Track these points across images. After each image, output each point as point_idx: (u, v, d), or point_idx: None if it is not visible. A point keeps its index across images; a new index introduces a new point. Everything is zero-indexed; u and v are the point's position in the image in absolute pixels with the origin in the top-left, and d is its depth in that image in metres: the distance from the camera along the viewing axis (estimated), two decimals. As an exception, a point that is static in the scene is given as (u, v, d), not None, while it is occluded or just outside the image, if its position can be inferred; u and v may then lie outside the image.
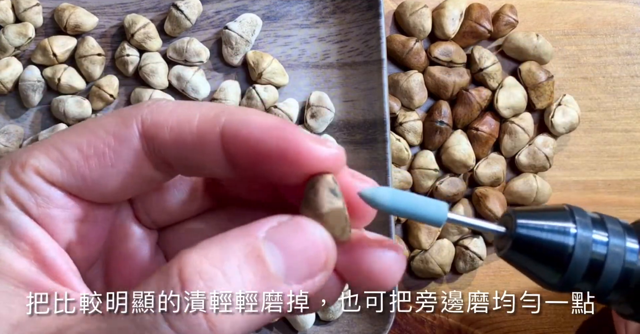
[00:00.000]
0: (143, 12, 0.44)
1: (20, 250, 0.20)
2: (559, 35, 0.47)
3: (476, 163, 0.45)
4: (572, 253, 0.20)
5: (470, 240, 0.44)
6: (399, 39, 0.45)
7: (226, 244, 0.18)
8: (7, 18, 0.43)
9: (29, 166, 0.20)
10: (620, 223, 0.21)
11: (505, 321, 0.46)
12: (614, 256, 0.20)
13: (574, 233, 0.20)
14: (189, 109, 0.21)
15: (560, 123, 0.44)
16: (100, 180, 0.21)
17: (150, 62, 0.43)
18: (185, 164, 0.21)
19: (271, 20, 0.44)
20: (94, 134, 0.21)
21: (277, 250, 0.19)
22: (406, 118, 0.45)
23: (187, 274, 0.18)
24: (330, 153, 0.20)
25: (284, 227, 0.19)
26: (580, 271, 0.20)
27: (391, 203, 0.19)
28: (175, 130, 0.21)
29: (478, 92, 0.45)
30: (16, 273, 0.20)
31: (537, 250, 0.20)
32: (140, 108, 0.21)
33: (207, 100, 0.44)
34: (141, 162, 0.21)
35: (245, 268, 0.18)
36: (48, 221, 0.21)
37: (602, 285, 0.20)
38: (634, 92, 0.46)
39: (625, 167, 0.46)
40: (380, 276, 0.20)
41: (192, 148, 0.21)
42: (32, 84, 0.43)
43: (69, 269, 0.21)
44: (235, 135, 0.20)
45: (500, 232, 0.21)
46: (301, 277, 0.19)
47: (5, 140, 0.42)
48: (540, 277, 0.21)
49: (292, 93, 0.44)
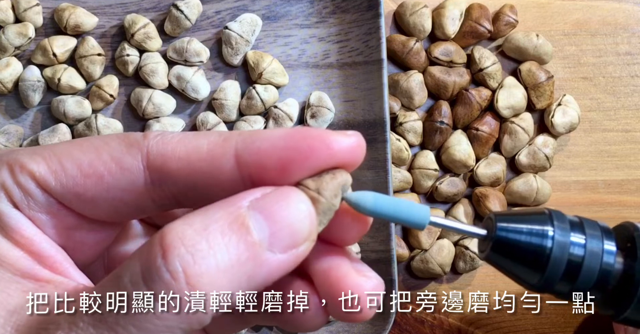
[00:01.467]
0: (143, 12, 0.44)
1: (14, 241, 0.20)
2: (559, 35, 0.47)
3: (476, 163, 0.45)
4: (550, 255, 0.21)
5: (470, 240, 0.44)
6: (399, 39, 0.45)
7: (210, 213, 0.18)
8: (7, 18, 0.43)
9: (27, 169, 0.21)
10: (600, 227, 0.22)
11: (505, 321, 0.46)
12: (592, 257, 0.21)
13: (552, 235, 0.21)
14: (195, 138, 0.20)
15: (560, 123, 0.44)
16: (93, 202, 0.21)
17: (150, 62, 0.43)
18: (193, 195, 0.21)
19: (271, 20, 0.44)
20: (97, 155, 0.21)
21: (262, 217, 0.18)
22: (406, 118, 0.45)
23: (169, 240, 0.17)
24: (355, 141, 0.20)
25: (269, 196, 0.19)
26: (559, 272, 0.21)
27: (374, 207, 0.20)
28: (184, 159, 0.20)
29: (478, 92, 0.45)
30: (11, 262, 0.20)
31: (516, 251, 0.21)
32: (147, 138, 0.21)
33: (207, 100, 0.44)
34: (140, 195, 0.21)
35: (229, 235, 0.18)
36: (39, 223, 0.21)
37: (580, 286, 0.21)
38: (634, 92, 0.46)
39: (625, 167, 0.46)
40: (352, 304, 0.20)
41: (203, 176, 0.20)
42: (32, 84, 0.43)
43: (64, 259, 0.21)
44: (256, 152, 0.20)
45: (482, 235, 0.22)
46: (285, 246, 0.18)
47: (5, 140, 0.42)
48: (520, 278, 0.22)
49: (292, 93, 0.44)
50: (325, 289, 0.20)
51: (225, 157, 0.20)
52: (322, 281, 0.20)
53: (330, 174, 0.20)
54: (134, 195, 0.21)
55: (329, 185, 0.19)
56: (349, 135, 0.20)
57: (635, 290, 0.21)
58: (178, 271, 0.17)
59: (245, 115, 0.44)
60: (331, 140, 0.20)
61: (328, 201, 0.19)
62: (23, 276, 0.20)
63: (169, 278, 0.17)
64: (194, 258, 0.17)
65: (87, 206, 0.21)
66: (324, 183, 0.19)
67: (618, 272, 0.21)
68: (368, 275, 0.20)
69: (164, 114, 0.43)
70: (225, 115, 0.43)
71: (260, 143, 0.20)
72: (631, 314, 0.21)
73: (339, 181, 0.20)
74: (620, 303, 0.22)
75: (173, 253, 0.17)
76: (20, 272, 0.20)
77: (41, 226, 0.21)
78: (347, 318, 0.20)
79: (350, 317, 0.20)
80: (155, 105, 0.43)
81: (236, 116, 0.44)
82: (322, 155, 0.19)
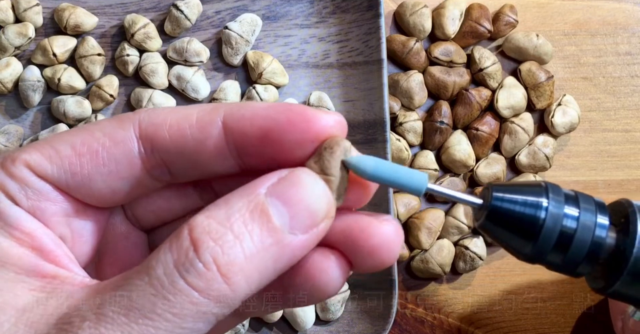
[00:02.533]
0: (143, 12, 0.44)
1: (15, 238, 0.20)
2: (559, 35, 0.47)
3: (476, 163, 0.45)
4: (542, 225, 0.21)
5: (470, 240, 0.44)
6: (399, 39, 0.45)
7: (230, 204, 0.19)
8: (7, 18, 0.43)
9: (20, 160, 0.21)
10: (595, 202, 0.22)
11: (505, 321, 0.46)
12: (584, 229, 0.21)
13: (545, 206, 0.21)
14: (185, 109, 0.21)
15: (560, 123, 0.44)
16: (91, 179, 0.21)
17: (150, 62, 0.43)
18: (184, 163, 0.21)
19: (271, 20, 0.44)
20: (89, 134, 0.21)
21: (279, 203, 0.19)
22: (406, 118, 0.45)
23: (197, 234, 0.18)
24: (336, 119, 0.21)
25: (284, 181, 0.20)
26: (551, 242, 0.21)
27: (374, 171, 0.20)
28: (175, 126, 0.21)
29: (478, 92, 0.45)
30: (15, 260, 0.20)
31: (510, 221, 0.22)
32: (137, 112, 0.21)
33: (207, 100, 0.44)
34: (135, 165, 0.21)
35: (251, 224, 0.19)
36: (39, 213, 0.21)
37: (571, 257, 0.22)
38: (634, 92, 0.46)
39: (625, 167, 0.46)
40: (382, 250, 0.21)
41: (193, 143, 0.21)
42: (32, 84, 0.43)
43: (65, 254, 0.21)
44: (239, 118, 0.21)
45: (478, 204, 0.22)
46: (305, 226, 0.19)
47: (5, 140, 0.42)
48: (513, 247, 0.22)
49: (292, 93, 0.44)
50: (350, 243, 0.21)
51: (213, 123, 0.21)
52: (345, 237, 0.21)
53: (328, 150, 0.20)
54: (128, 167, 0.21)
55: (331, 163, 0.20)
56: (329, 113, 0.21)
57: (626, 264, 0.21)
58: (210, 261, 0.18)
59: (245, 115, 0.44)
60: (310, 115, 0.20)
61: (336, 177, 0.20)
62: (28, 274, 0.20)
63: (202, 268, 0.18)
64: (223, 249, 0.18)
65: (83, 187, 0.21)
66: (325, 162, 0.20)
67: (610, 246, 0.22)
68: (387, 219, 0.21)
69: (164, 114, 0.43)
70: (225, 115, 0.43)
71: (244, 111, 0.21)
72: (620, 287, 0.22)
73: (339, 154, 0.20)
74: (610, 276, 0.22)
75: (202, 246, 0.18)
76: (25, 270, 0.20)
77: (40, 217, 0.21)
78: (375, 265, 0.21)
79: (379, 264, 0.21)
80: (155, 105, 0.43)
81: (236, 116, 0.44)
82: (299, 128, 0.20)
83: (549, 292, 0.46)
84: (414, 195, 0.21)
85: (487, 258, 0.45)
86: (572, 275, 0.22)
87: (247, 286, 0.19)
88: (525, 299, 0.46)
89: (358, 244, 0.21)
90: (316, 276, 0.21)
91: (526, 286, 0.46)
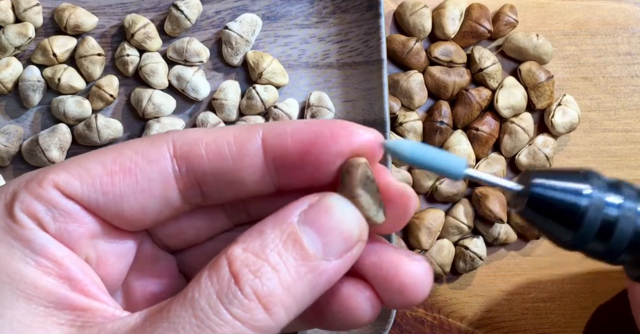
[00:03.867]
0: (143, 12, 0.44)
1: (42, 267, 0.20)
2: (559, 35, 0.47)
3: (476, 163, 0.45)
4: (584, 213, 0.21)
5: (470, 240, 0.44)
6: (399, 39, 0.45)
7: (265, 235, 0.20)
8: (7, 18, 0.43)
9: (47, 180, 0.20)
10: (636, 190, 0.22)
11: (505, 321, 0.46)
12: (626, 218, 0.21)
13: (588, 194, 0.21)
14: (220, 128, 0.21)
15: (560, 123, 0.44)
16: (123, 197, 0.21)
17: (150, 62, 0.43)
18: (219, 183, 0.21)
19: (271, 20, 0.44)
20: (120, 153, 0.21)
21: (312, 231, 0.20)
22: (406, 118, 0.45)
23: (237, 267, 0.19)
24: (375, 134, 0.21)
25: (315, 208, 0.20)
26: (593, 231, 0.21)
27: (411, 153, 0.20)
28: (212, 144, 0.21)
29: (478, 92, 0.45)
30: (43, 293, 0.20)
31: (550, 208, 0.21)
32: (168, 132, 0.21)
33: (207, 100, 0.44)
34: (168, 185, 0.21)
35: (286, 254, 0.19)
36: (66, 236, 0.21)
37: (613, 246, 0.21)
38: (634, 92, 0.46)
39: (625, 167, 0.46)
40: (411, 289, 0.21)
41: (231, 161, 0.21)
42: (32, 84, 0.43)
43: (94, 283, 0.21)
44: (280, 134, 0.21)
45: (517, 190, 0.22)
46: (339, 252, 0.20)
47: (5, 140, 0.42)
48: (554, 234, 0.22)
49: (292, 93, 0.44)
50: (381, 279, 0.21)
51: (252, 140, 0.21)
52: (376, 272, 0.21)
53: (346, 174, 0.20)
54: (161, 185, 0.21)
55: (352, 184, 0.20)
56: (370, 130, 0.21)
57: None
58: (250, 293, 0.19)
59: (245, 115, 0.44)
60: (354, 130, 0.21)
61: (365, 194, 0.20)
62: (57, 306, 0.20)
63: (244, 299, 0.19)
64: (262, 281, 0.19)
65: (114, 206, 0.21)
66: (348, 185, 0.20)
67: None
68: (418, 259, 0.21)
69: (164, 114, 0.43)
70: (225, 115, 0.43)
71: (284, 127, 0.21)
72: None
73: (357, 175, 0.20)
74: None
75: (243, 279, 0.19)
76: (54, 303, 0.20)
77: (66, 240, 0.21)
78: (404, 303, 0.21)
79: (408, 302, 0.21)
80: (155, 105, 0.43)
81: (236, 116, 0.44)
82: (343, 141, 0.20)
83: (549, 292, 0.46)
84: (452, 179, 0.21)
85: (487, 258, 0.45)
86: (613, 263, 0.22)
87: (286, 315, 0.19)
88: (525, 299, 0.46)
89: (388, 281, 0.21)
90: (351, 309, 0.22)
91: (526, 286, 0.46)
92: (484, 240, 0.45)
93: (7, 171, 0.43)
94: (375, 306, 0.22)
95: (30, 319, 0.19)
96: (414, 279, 0.21)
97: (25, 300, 0.19)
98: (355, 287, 0.22)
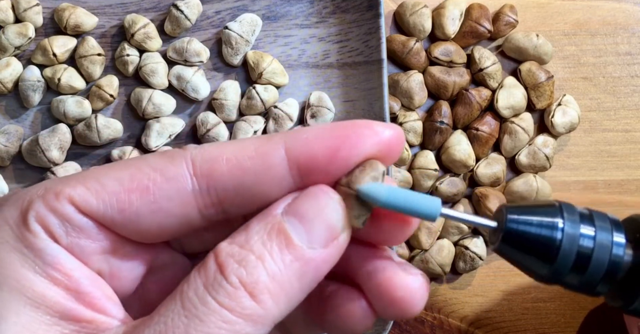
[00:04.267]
0: (143, 12, 0.44)
1: (51, 278, 0.20)
2: (559, 35, 0.47)
3: (476, 163, 0.45)
4: (559, 246, 0.21)
5: (470, 240, 0.44)
6: (399, 39, 0.45)
7: (250, 228, 0.20)
8: (7, 18, 0.43)
9: (63, 194, 0.20)
10: (609, 219, 0.22)
11: (505, 321, 0.46)
12: (601, 249, 0.21)
13: (562, 227, 0.21)
14: (238, 142, 0.21)
15: (560, 123, 0.44)
16: (139, 216, 0.20)
17: (150, 62, 0.43)
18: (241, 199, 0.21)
19: (271, 20, 0.44)
20: (137, 169, 0.20)
21: (295, 220, 0.20)
22: (406, 118, 0.45)
23: (222, 258, 0.19)
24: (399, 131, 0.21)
25: (298, 199, 0.20)
26: (569, 263, 0.21)
27: (386, 198, 0.20)
28: (232, 160, 0.20)
29: (478, 92, 0.45)
30: (50, 303, 0.20)
31: (526, 243, 0.21)
32: (186, 149, 0.21)
33: (207, 100, 0.44)
34: (187, 203, 0.21)
35: (270, 243, 0.19)
36: (78, 251, 0.21)
37: (590, 277, 0.21)
38: (634, 92, 0.46)
39: (625, 167, 0.46)
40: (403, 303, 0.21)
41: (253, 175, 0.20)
42: (32, 84, 0.43)
43: (104, 295, 0.21)
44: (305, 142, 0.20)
45: (492, 227, 0.22)
46: (324, 240, 0.20)
47: (5, 140, 0.42)
48: (530, 269, 0.22)
49: (292, 93, 0.44)
50: (374, 290, 0.21)
51: (275, 152, 0.20)
52: (370, 283, 0.21)
53: (360, 167, 0.20)
54: (180, 204, 0.20)
55: (357, 178, 0.20)
56: (391, 126, 0.21)
57: None
58: (236, 281, 0.19)
59: (245, 115, 0.44)
60: (378, 128, 0.20)
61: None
62: (62, 317, 0.20)
63: (229, 287, 0.19)
64: (247, 269, 0.19)
65: (130, 223, 0.21)
66: (353, 178, 0.20)
67: (627, 264, 0.22)
68: (414, 273, 0.21)
69: (164, 114, 0.43)
70: (225, 115, 0.43)
71: (307, 134, 0.20)
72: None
73: (369, 172, 0.20)
74: (629, 293, 0.22)
75: (228, 268, 0.19)
76: (60, 313, 0.20)
77: (79, 254, 0.21)
78: (397, 316, 0.21)
79: (400, 315, 0.21)
80: (155, 105, 0.43)
81: (236, 116, 0.44)
82: (369, 141, 0.20)
83: (549, 292, 0.46)
84: (428, 221, 0.21)
85: (487, 258, 0.45)
86: (591, 295, 0.22)
87: (275, 304, 0.19)
88: (525, 299, 0.46)
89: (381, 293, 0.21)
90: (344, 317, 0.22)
91: (526, 286, 0.46)
92: (484, 240, 0.45)
93: (7, 172, 0.43)
94: (369, 316, 0.22)
95: (36, 327, 0.19)
96: (406, 293, 0.21)
97: (32, 308, 0.19)
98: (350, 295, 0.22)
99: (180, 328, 0.18)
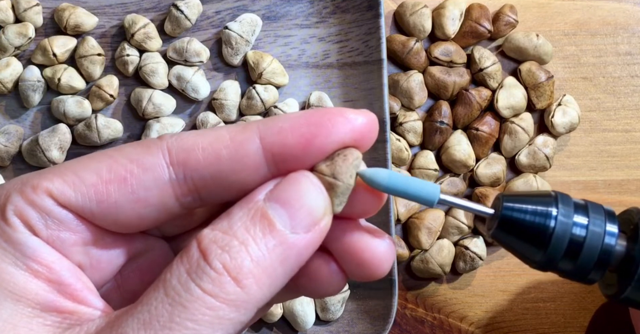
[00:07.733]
0: (143, 12, 0.44)
1: (32, 271, 0.20)
2: (559, 35, 0.47)
3: (476, 163, 0.45)
4: (552, 233, 0.22)
5: (470, 240, 0.44)
6: (399, 39, 0.45)
7: (232, 214, 0.20)
8: (7, 18, 0.43)
9: (41, 187, 0.20)
10: (604, 210, 0.23)
11: (505, 321, 0.46)
12: (593, 237, 0.22)
13: (555, 215, 0.22)
14: (213, 130, 0.21)
15: (560, 123, 0.44)
16: (118, 207, 0.21)
17: (150, 62, 0.43)
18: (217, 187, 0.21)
19: (271, 20, 0.44)
20: (114, 160, 0.21)
21: (278, 205, 0.20)
22: (406, 118, 0.45)
23: (205, 244, 0.19)
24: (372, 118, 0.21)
25: (280, 185, 0.20)
26: (561, 250, 0.22)
27: (387, 183, 0.21)
28: (208, 149, 0.20)
29: (478, 92, 0.45)
30: (31, 295, 0.20)
31: (520, 229, 0.22)
32: (162, 138, 0.21)
33: (207, 100, 0.44)
34: (165, 192, 0.21)
35: (253, 229, 0.19)
36: (58, 243, 0.21)
37: (582, 264, 0.22)
38: (634, 92, 0.46)
39: (625, 167, 0.46)
40: (370, 264, 0.22)
41: (229, 163, 0.21)
42: (32, 84, 0.43)
43: (85, 287, 0.21)
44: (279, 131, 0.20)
45: (489, 213, 0.23)
46: (307, 225, 0.20)
47: (5, 140, 0.42)
48: (524, 255, 0.23)
49: (292, 93, 0.44)
50: (343, 253, 0.22)
51: (250, 140, 0.21)
52: (339, 246, 0.22)
53: (341, 156, 0.21)
54: (158, 194, 0.21)
55: (342, 168, 0.20)
56: (364, 112, 0.21)
57: (636, 270, 0.22)
58: (219, 267, 0.19)
59: (245, 115, 0.44)
60: (351, 115, 0.21)
61: (345, 183, 0.21)
62: (43, 309, 0.20)
63: (213, 273, 0.19)
64: (230, 255, 0.19)
65: (109, 215, 0.21)
66: (337, 167, 0.20)
67: (620, 253, 0.22)
68: (380, 236, 0.22)
69: (164, 114, 0.43)
70: (225, 115, 0.43)
71: (282, 123, 0.21)
72: (631, 294, 0.22)
73: (351, 162, 0.21)
74: (621, 283, 0.23)
75: (211, 254, 0.19)
76: (41, 305, 0.20)
77: (59, 246, 0.21)
78: (365, 277, 0.22)
79: (368, 276, 0.22)
80: (155, 105, 0.43)
81: (236, 116, 0.44)
82: (343, 129, 0.21)
83: (549, 292, 0.46)
84: (427, 205, 0.22)
85: (487, 258, 0.45)
86: (585, 282, 0.23)
87: (259, 289, 0.19)
88: (525, 299, 0.46)
89: (350, 255, 0.22)
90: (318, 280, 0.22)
91: (526, 286, 0.46)
92: (484, 240, 0.45)
93: (7, 171, 0.43)
94: (341, 278, 0.22)
95: (17, 320, 0.19)
96: (374, 254, 0.21)
97: (13, 301, 0.19)
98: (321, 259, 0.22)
99: (164, 315, 0.18)
